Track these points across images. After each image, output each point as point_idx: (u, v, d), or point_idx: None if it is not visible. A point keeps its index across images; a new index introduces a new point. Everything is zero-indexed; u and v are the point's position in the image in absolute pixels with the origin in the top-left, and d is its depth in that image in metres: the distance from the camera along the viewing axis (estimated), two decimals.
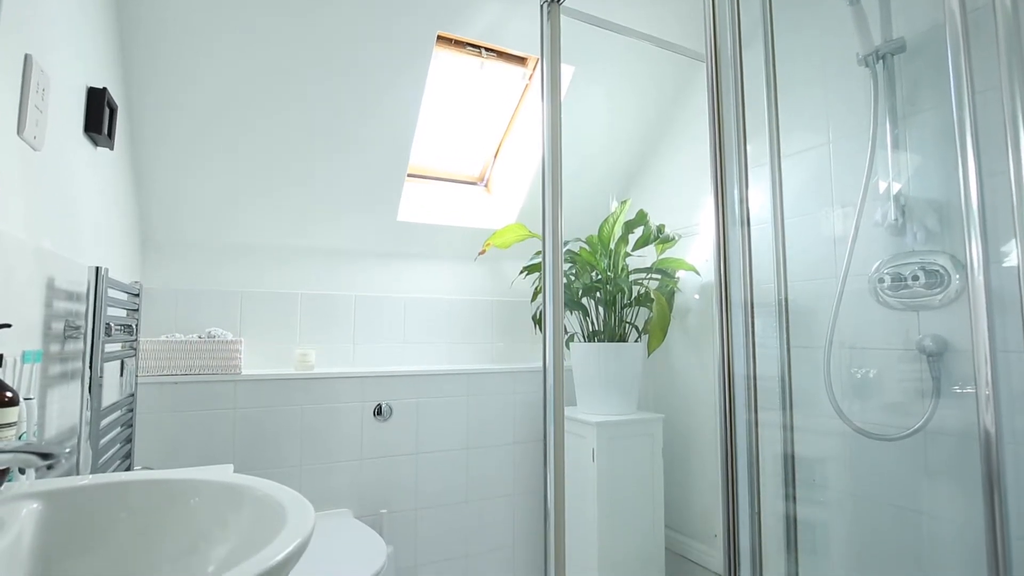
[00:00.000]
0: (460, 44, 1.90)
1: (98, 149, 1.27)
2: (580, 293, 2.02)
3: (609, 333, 1.99)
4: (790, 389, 1.50)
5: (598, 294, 2.01)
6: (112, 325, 1.18)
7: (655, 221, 2.06)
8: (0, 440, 0.64)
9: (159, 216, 1.79)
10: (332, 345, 2.03)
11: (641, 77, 2.11)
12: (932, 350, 1.28)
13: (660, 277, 2.06)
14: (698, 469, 2.04)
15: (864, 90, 1.43)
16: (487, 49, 1.94)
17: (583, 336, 2.06)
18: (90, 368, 1.06)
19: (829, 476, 1.48)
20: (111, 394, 1.37)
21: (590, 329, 2.05)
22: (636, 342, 2.00)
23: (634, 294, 2.02)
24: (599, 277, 1.99)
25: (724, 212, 1.35)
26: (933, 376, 1.27)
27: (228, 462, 1.73)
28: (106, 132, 1.21)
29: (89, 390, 1.06)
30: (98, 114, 1.18)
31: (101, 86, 1.21)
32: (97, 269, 1.09)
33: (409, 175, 2.12)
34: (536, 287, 2.18)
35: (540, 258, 1.52)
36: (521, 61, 2.04)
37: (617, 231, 1.98)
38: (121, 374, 1.47)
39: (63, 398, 1.07)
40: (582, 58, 1.94)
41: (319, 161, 1.85)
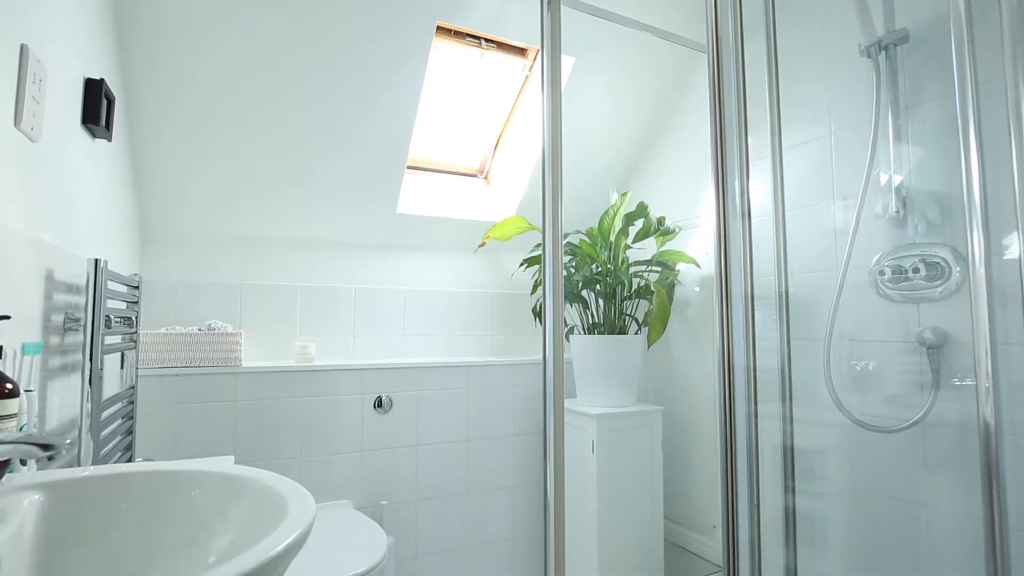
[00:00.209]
0: (460, 35, 1.89)
1: (96, 141, 1.26)
2: (580, 285, 2.02)
3: (609, 325, 1.99)
4: (790, 381, 1.50)
5: (598, 286, 2.01)
6: (112, 317, 1.18)
7: (655, 213, 2.06)
8: (1, 431, 0.64)
9: (158, 208, 1.79)
10: (332, 337, 2.03)
11: (642, 68, 2.10)
12: (932, 342, 1.28)
13: (660, 269, 2.06)
14: (697, 461, 2.05)
15: (866, 81, 1.42)
16: (487, 40, 1.93)
17: (583, 328, 2.06)
18: (90, 360, 1.06)
19: (828, 468, 1.49)
20: (112, 386, 1.37)
21: (590, 321, 2.05)
22: (636, 334, 2.00)
23: (634, 286, 2.02)
24: (599, 269, 1.99)
25: (725, 204, 1.34)
26: (933, 368, 1.27)
27: (229, 454, 1.74)
28: (104, 124, 1.21)
29: (89, 382, 1.06)
30: (96, 105, 1.17)
31: (98, 77, 1.20)
32: (96, 261, 1.09)
33: (409, 167, 2.12)
34: (536, 279, 2.18)
35: (540, 250, 1.52)
36: (521, 52, 2.03)
37: (617, 223, 1.97)
38: (121, 366, 1.47)
39: (64, 390, 1.07)
40: (583, 49, 1.93)
41: (319, 154, 1.85)
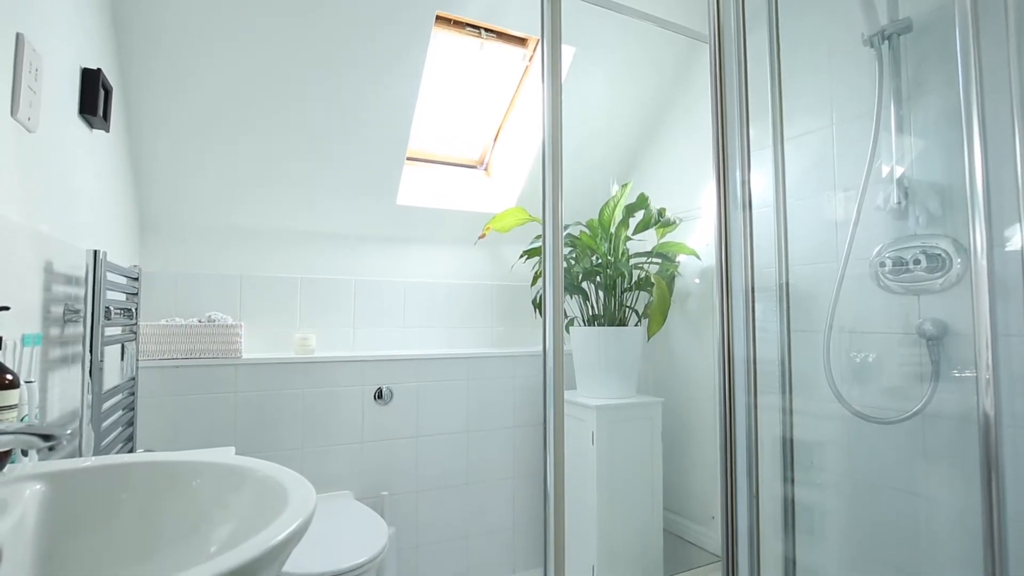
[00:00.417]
0: (459, 24, 1.87)
1: (94, 131, 1.26)
2: (580, 277, 2.02)
3: (609, 317, 1.99)
4: (790, 373, 1.50)
5: (598, 278, 2.01)
6: (111, 309, 1.18)
7: (656, 205, 2.05)
8: (1, 422, 0.64)
9: (158, 200, 1.78)
10: (332, 329, 2.03)
11: (643, 58, 2.08)
12: (932, 334, 1.28)
13: (660, 261, 2.06)
14: (697, 452, 2.06)
15: (868, 71, 1.41)
16: (487, 30, 1.92)
17: (583, 320, 2.06)
18: (90, 352, 1.06)
19: (827, 459, 1.49)
20: (112, 378, 1.37)
21: (590, 313, 2.05)
22: (636, 326, 2.00)
23: (634, 278, 2.02)
24: (599, 261, 1.99)
25: (726, 196, 1.34)
26: (932, 360, 1.27)
27: (229, 445, 1.74)
28: (101, 114, 1.20)
29: (90, 373, 1.06)
30: (93, 95, 1.16)
31: (95, 67, 1.19)
32: (95, 252, 1.09)
33: (408, 159, 2.11)
34: (536, 271, 2.18)
35: (540, 242, 1.52)
36: (521, 42, 2.01)
37: (618, 215, 1.97)
38: (122, 358, 1.47)
39: (64, 382, 1.07)
40: (583, 39, 1.91)
41: (318, 145, 1.84)
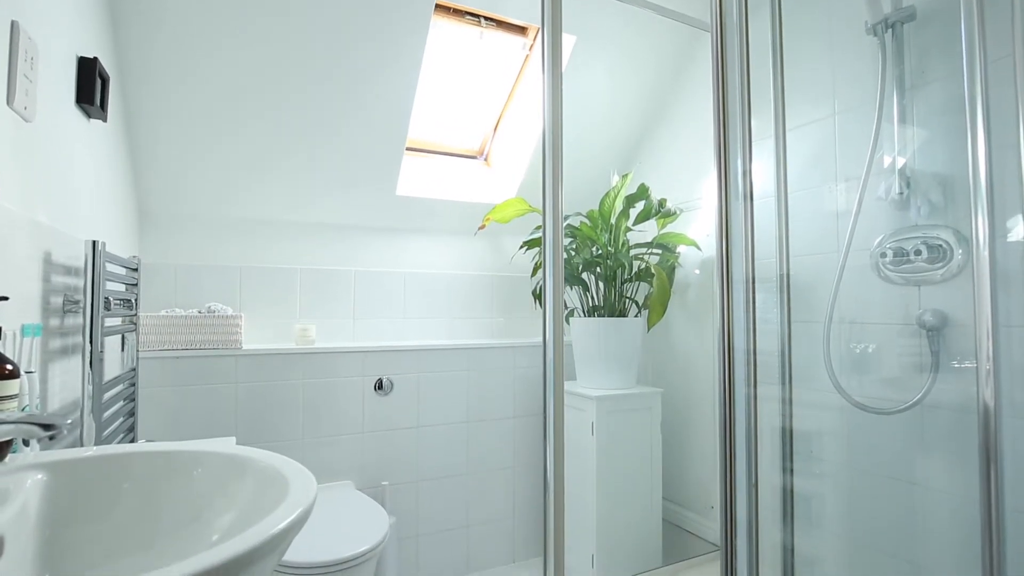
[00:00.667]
0: (459, 13, 1.85)
1: (91, 121, 1.25)
2: (580, 268, 2.01)
3: (609, 308, 1.99)
4: (789, 363, 1.50)
5: (598, 269, 2.00)
6: (111, 299, 1.17)
7: (656, 195, 2.04)
8: (2, 412, 0.64)
9: (157, 190, 1.77)
10: (332, 320, 2.03)
11: (644, 47, 2.07)
12: (932, 325, 1.28)
13: (661, 252, 2.05)
14: (696, 442, 2.07)
15: (871, 60, 1.40)
16: (486, 18, 1.90)
17: (583, 311, 2.06)
18: (90, 342, 1.06)
19: (826, 449, 1.50)
20: (113, 368, 1.37)
21: (590, 304, 2.05)
22: (636, 317, 2.00)
23: (634, 269, 2.02)
24: (599, 252, 1.98)
25: (727, 186, 1.33)
26: (932, 351, 1.27)
27: (230, 435, 1.75)
28: (99, 103, 1.19)
29: (90, 364, 1.06)
30: (90, 84, 1.15)
31: (92, 56, 1.18)
32: (94, 243, 1.08)
33: (408, 149, 2.09)
34: (536, 262, 2.17)
35: (540, 233, 1.51)
36: (521, 31, 2.00)
37: (618, 205, 1.96)
38: (122, 349, 1.47)
39: (65, 372, 1.08)
40: (584, 28, 1.90)
41: (318, 135, 1.83)
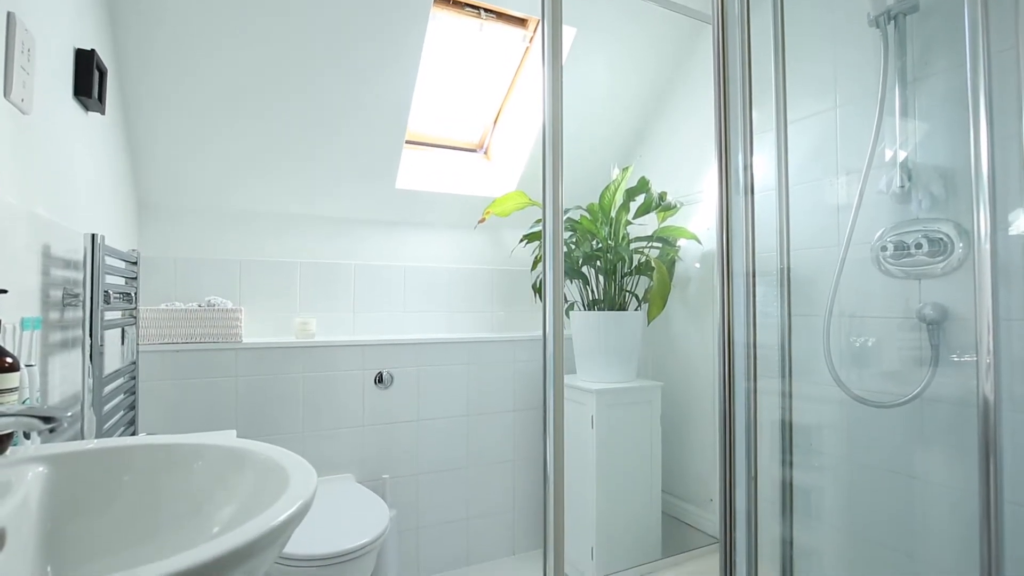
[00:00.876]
0: (459, 4, 1.84)
1: (89, 114, 1.24)
2: (580, 262, 2.01)
3: (609, 302, 1.99)
4: (789, 357, 1.50)
5: (598, 263, 2.00)
6: (111, 293, 1.17)
7: (657, 189, 2.04)
8: (2, 404, 0.64)
9: (156, 184, 1.77)
10: (332, 314, 2.03)
11: (645, 39, 2.05)
12: (932, 318, 1.28)
13: (661, 245, 2.05)
14: (695, 435, 2.07)
15: (874, 52, 1.39)
16: (486, 10, 1.89)
17: (583, 305, 2.06)
18: (90, 336, 1.06)
19: (826, 442, 1.50)
20: (113, 362, 1.37)
21: (590, 298, 2.05)
22: (636, 311, 2.00)
23: (635, 263, 2.01)
24: (600, 245, 1.98)
25: (727, 180, 1.33)
26: (932, 344, 1.27)
27: (230, 429, 1.75)
28: (97, 96, 1.18)
29: (90, 357, 1.06)
30: (87, 76, 1.14)
31: (89, 48, 1.17)
32: (93, 236, 1.08)
33: (408, 142, 2.09)
34: (536, 256, 2.17)
35: (540, 226, 1.51)
36: (521, 23, 1.98)
37: (618, 199, 1.96)
38: (122, 342, 1.47)
39: (65, 366, 1.08)
40: (584, 20, 1.88)
41: (318, 128, 1.82)
